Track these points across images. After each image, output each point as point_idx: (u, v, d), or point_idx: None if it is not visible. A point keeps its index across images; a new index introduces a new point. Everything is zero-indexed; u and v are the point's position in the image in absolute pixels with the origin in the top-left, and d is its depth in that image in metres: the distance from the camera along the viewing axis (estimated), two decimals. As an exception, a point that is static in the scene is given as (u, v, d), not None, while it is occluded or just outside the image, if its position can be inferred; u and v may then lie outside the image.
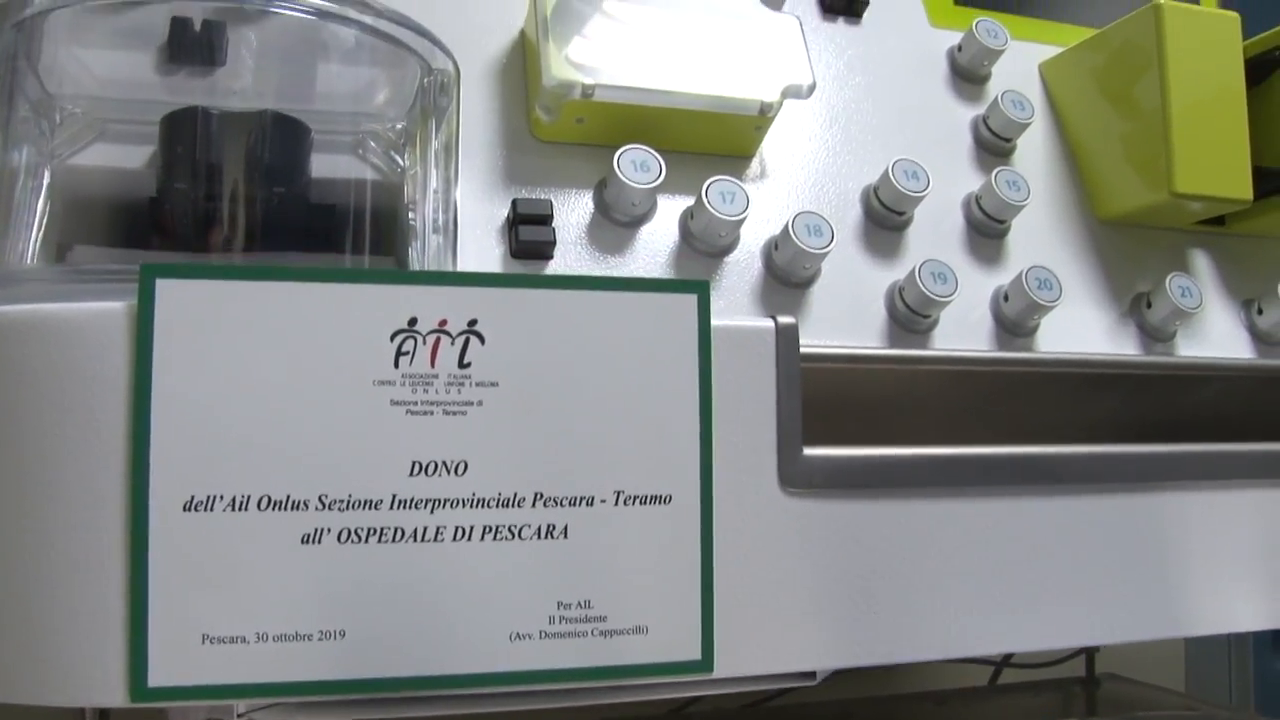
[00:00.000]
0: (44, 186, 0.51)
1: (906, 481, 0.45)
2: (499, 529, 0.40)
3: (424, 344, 0.40)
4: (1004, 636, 0.46)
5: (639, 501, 0.41)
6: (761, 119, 0.56)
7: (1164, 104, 0.61)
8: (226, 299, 0.39)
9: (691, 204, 0.56)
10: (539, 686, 0.41)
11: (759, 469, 0.43)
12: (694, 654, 0.42)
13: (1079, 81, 0.67)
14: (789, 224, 0.54)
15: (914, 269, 0.55)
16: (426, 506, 0.40)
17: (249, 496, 0.38)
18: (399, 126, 0.54)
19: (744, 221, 0.54)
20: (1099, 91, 0.66)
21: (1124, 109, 0.64)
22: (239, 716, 0.43)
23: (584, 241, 0.54)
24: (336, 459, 0.39)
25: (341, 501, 0.39)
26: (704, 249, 0.55)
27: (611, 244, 0.54)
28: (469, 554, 0.40)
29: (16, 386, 0.39)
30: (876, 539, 0.45)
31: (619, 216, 0.55)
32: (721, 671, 0.42)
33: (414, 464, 0.39)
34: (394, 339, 0.40)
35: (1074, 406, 0.62)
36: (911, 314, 0.56)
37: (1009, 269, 0.61)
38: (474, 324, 0.40)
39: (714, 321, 0.42)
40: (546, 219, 0.53)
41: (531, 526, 0.40)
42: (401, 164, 0.54)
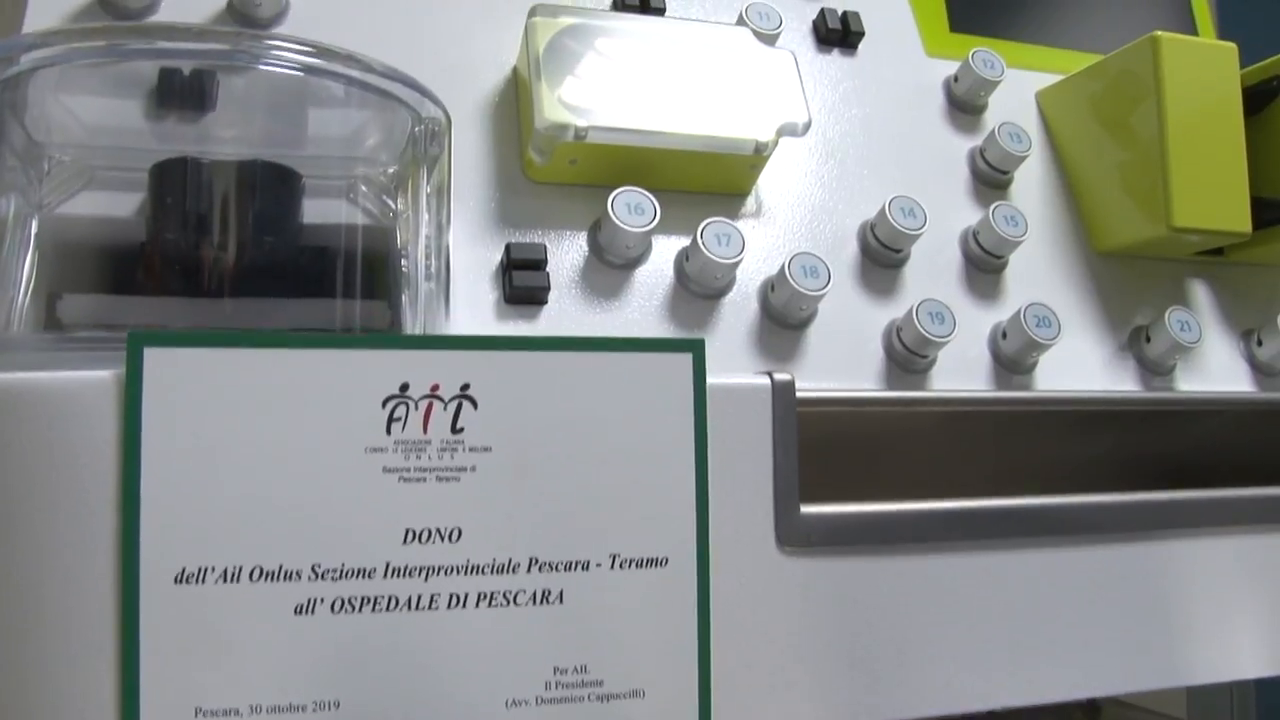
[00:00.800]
0: (31, 236, 0.51)
1: (905, 537, 0.45)
2: (494, 595, 0.40)
3: (416, 410, 0.39)
4: (1004, 690, 0.46)
5: (635, 565, 0.41)
6: (757, 158, 0.56)
7: (1162, 137, 0.60)
8: (215, 366, 0.38)
9: (687, 244, 0.55)
10: (536, 752, 0.40)
11: (756, 529, 0.42)
12: (692, 718, 0.41)
13: (1076, 110, 0.67)
14: (785, 265, 0.54)
15: (912, 309, 0.55)
16: (420, 574, 0.39)
17: (241, 567, 0.38)
18: (390, 170, 0.53)
19: (740, 264, 0.54)
20: (1096, 120, 0.65)
21: (1121, 138, 0.64)
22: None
23: (578, 285, 0.54)
24: (329, 528, 0.38)
25: (334, 571, 0.38)
26: (699, 291, 0.55)
27: (606, 287, 0.54)
28: (464, 621, 0.39)
29: (2, 456, 0.39)
30: (875, 596, 0.44)
31: (613, 259, 0.54)
32: (720, 733, 0.42)
33: (407, 531, 0.39)
34: (386, 405, 0.39)
35: (1074, 442, 0.61)
36: (909, 354, 0.56)
37: (1007, 304, 0.61)
38: (466, 388, 0.40)
39: (710, 380, 0.42)
40: (540, 264, 0.53)
41: (526, 592, 0.40)
42: (393, 208, 0.53)
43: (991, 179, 0.64)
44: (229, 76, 0.50)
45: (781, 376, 0.43)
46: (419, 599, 0.39)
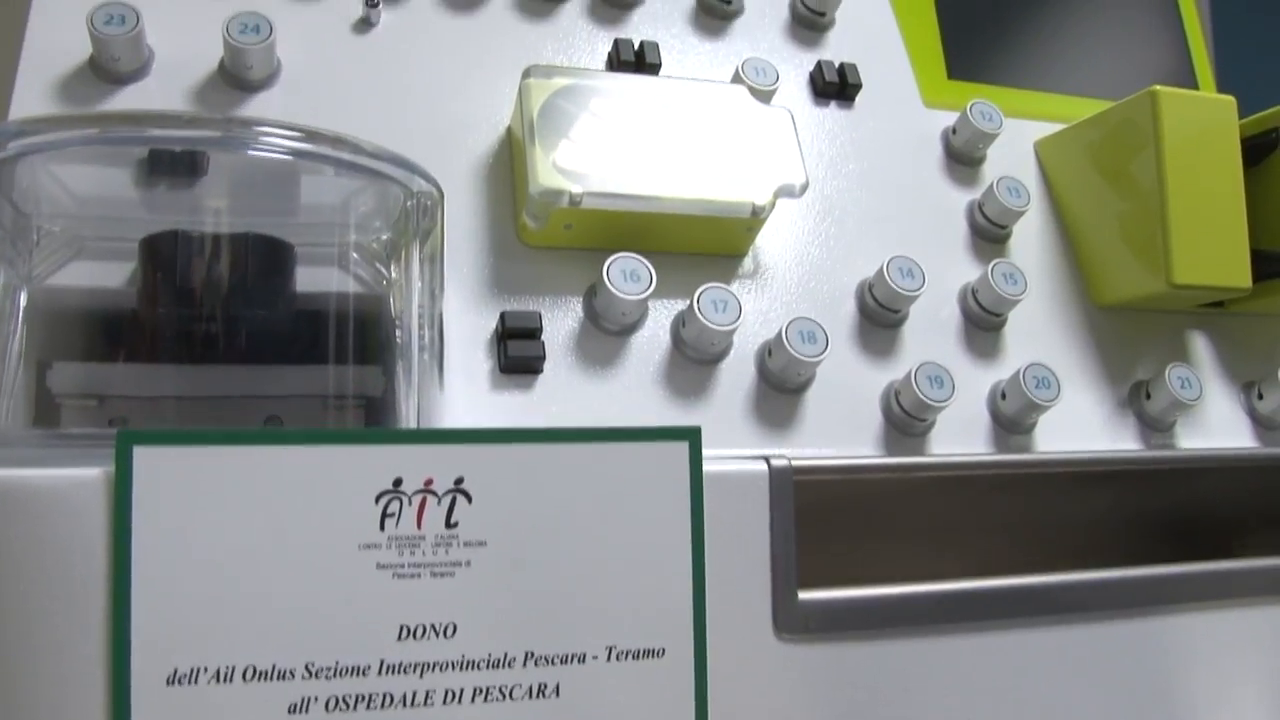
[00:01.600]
0: (20, 308, 0.50)
1: (903, 620, 0.45)
2: (489, 690, 0.39)
3: (410, 505, 0.39)
4: (1005, 771, 0.46)
5: (631, 656, 0.40)
6: (754, 220, 0.55)
7: (1161, 192, 0.60)
8: (205, 464, 0.38)
9: (683, 309, 0.55)
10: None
11: (753, 616, 0.42)
12: (690, 810, 0.41)
13: (1075, 160, 0.66)
14: (783, 331, 0.53)
15: (910, 373, 0.55)
16: (415, 671, 0.39)
17: (234, 667, 0.37)
18: (384, 237, 0.53)
19: (737, 330, 0.53)
20: (1095, 170, 0.65)
21: (1120, 188, 0.63)
22: None
23: (574, 352, 0.53)
24: (323, 626, 0.38)
25: (329, 669, 0.38)
26: (696, 357, 0.54)
27: (602, 354, 0.53)
28: (459, 717, 0.39)
29: (-9, 554, 0.38)
30: (875, 680, 0.44)
31: (609, 325, 0.54)
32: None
33: (402, 628, 0.39)
34: (379, 500, 0.39)
35: (1075, 501, 0.61)
36: (908, 418, 0.55)
37: (1006, 362, 0.60)
38: (460, 482, 0.39)
39: (707, 467, 0.41)
40: (535, 332, 0.52)
41: (523, 686, 0.40)
42: (387, 275, 0.53)
43: (990, 233, 0.63)
44: (219, 153, 0.49)
45: (778, 461, 0.43)
46: (414, 696, 0.39)
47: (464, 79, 0.59)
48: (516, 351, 0.51)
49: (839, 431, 0.55)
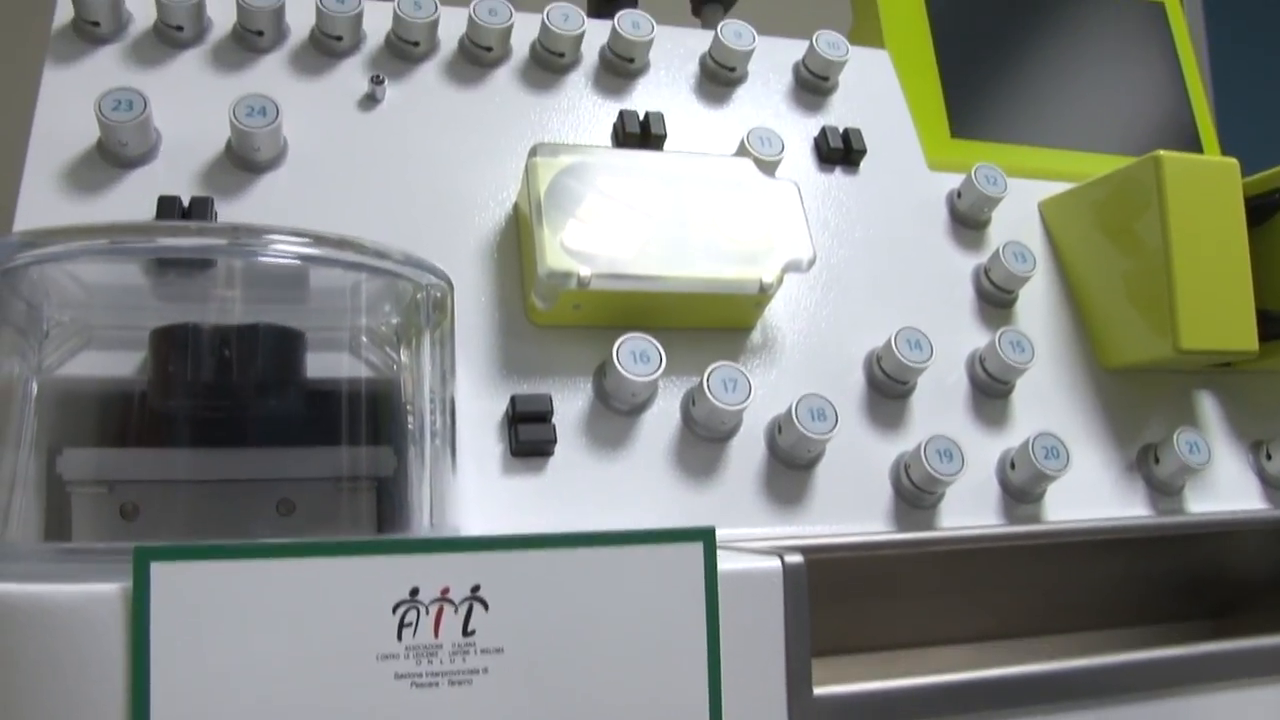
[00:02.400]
0: (31, 399, 0.50)
1: (919, 713, 0.45)
2: (508, 797, 0.39)
3: (427, 614, 0.39)
4: None
5: (650, 759, 0.40)
6: (762, 296, 0.56)
7: (1167, 257, 0.60)
8: (223, 579, 0.38)
9: (693, 386, 0.55)
10: None
11: (769, 716, 0.42)
12: None
13: (1079, 222, 0.67)
14: (793, 409, 0.53)
15: (920, 447, 0.55)
16: (434, 780, 0.39)
17: (252, 782, 0.37)
18: (393, 321, 0.53)
19: (747, 408, 0.53)
20: (1100, 234, 0.65)
21: (1125, 252, 0.63)
22: None
23: (585, 433, 0.53)
24: (341, 738, 0.38)
25: (348, 781, 0.38)
26: (707, 435, 0.54)
27: (612, 435, 0.53)
28: (478, 826, 0.39)
29: (6, 671, 0.38)
30: (892, 774, 0.44)
31: (619, 405, 0.54)
32: None
33: (420, 738, 0.39)
34: (396, 610, 0.39)
35: (1085, 568, 0.61)
36: (918, 491, 0.55)
37: (1015, 429, 0.60)
38: (477, 590, 0.39)
39: (721, 566, 0.41)
40: (546, 415, 0.52)
41: (541, 793, 0.39)
42: (397, 359, 0.53)
43: (997, 299, 0.64)
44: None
45: (792, 558, 0.43)
46: (433, 805, 0.39)
47: (470, 154, 0.59)
48: (528, 436, 0.51)
49: (850, 506, 0.55)
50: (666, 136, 0.61)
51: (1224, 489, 0.63)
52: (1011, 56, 0.75)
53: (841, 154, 0.64)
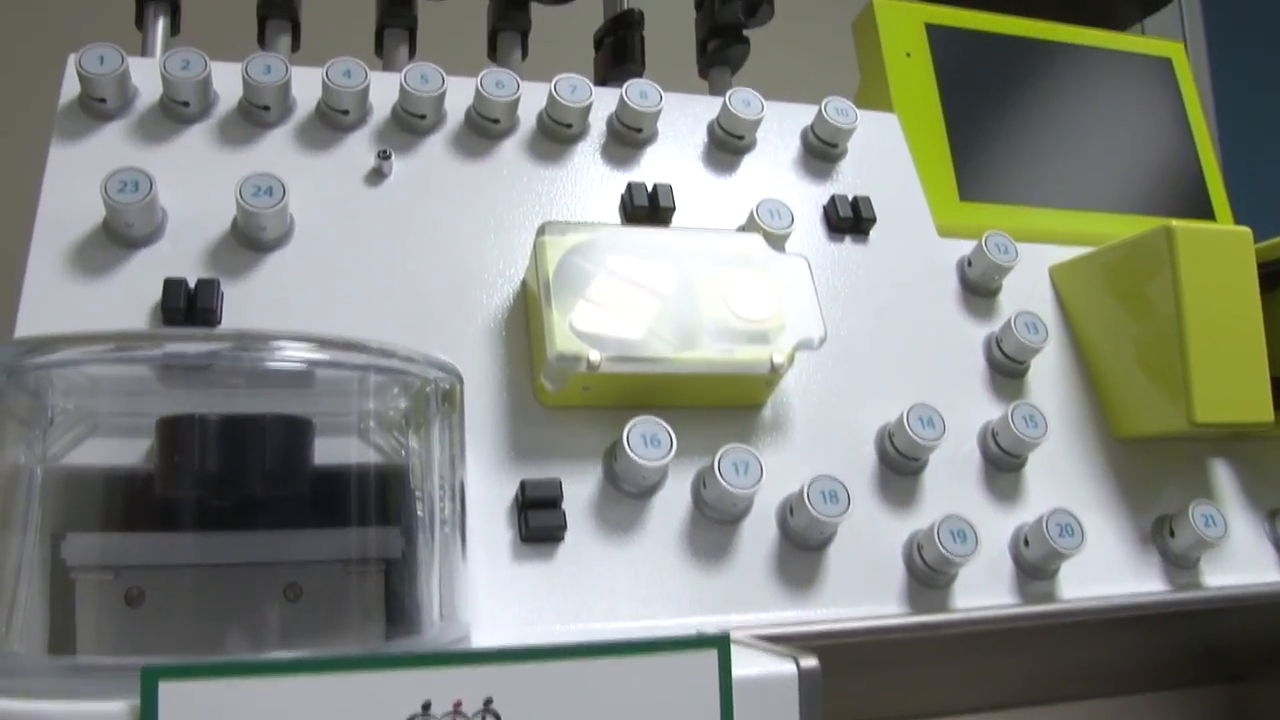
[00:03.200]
0: (36, 490, 0.50)
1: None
2: None
3: (439, 729, 0.38)
4: None
5: None
6: (773, 375, 0.55)
7: (1180, 330, 0.60)
8: (233, 698, 0.37)
9: (704, 466, 0.54)
10: None
11: (786, 822, 0.41)
12: None
13: (1090, 290, 0.66)
14: (805, 491, 0.53)
15: (933, 528, 0.54)
16: None
17: None
18: (402, 405, 0.52)
19: (759, 491, 0.53)
20: (1111, 303, 0.65)
21: (1137, 322, 0.63)
22: None
23: (595, 516, 0.53)
24: None
25: None
26: (717, 517, 0.54)
27: (623, 518, 0.53)
28: None
29: (14, 790, 0.37)
30: None
31: (629, 488, 0.53)
32: None
33: None
34: (408, 725, 0.38)
35: (1101, 643, 0.61)
36: (931, 572, 0.55)
37: (1028, 504, 0.60)
38: (490, 703, 0.39)
39: (735, 673, 0.41)
40: (555, 501, 0.52)
41: None
42: (405, 444, 0.52)
43: (1008, 368, 0.63)
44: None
45: (808, 662, 0.42)
46: None
47: (478, 229, 0.59)
48: (538, 522, 0.51)
49: (863, 587, 0.55)
50: (675, 209, 0.61)
51: (1241, 559, 0.63)
52: (1019, 116, 0.75)
53: (851, 223, 0.64)
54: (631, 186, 0.61)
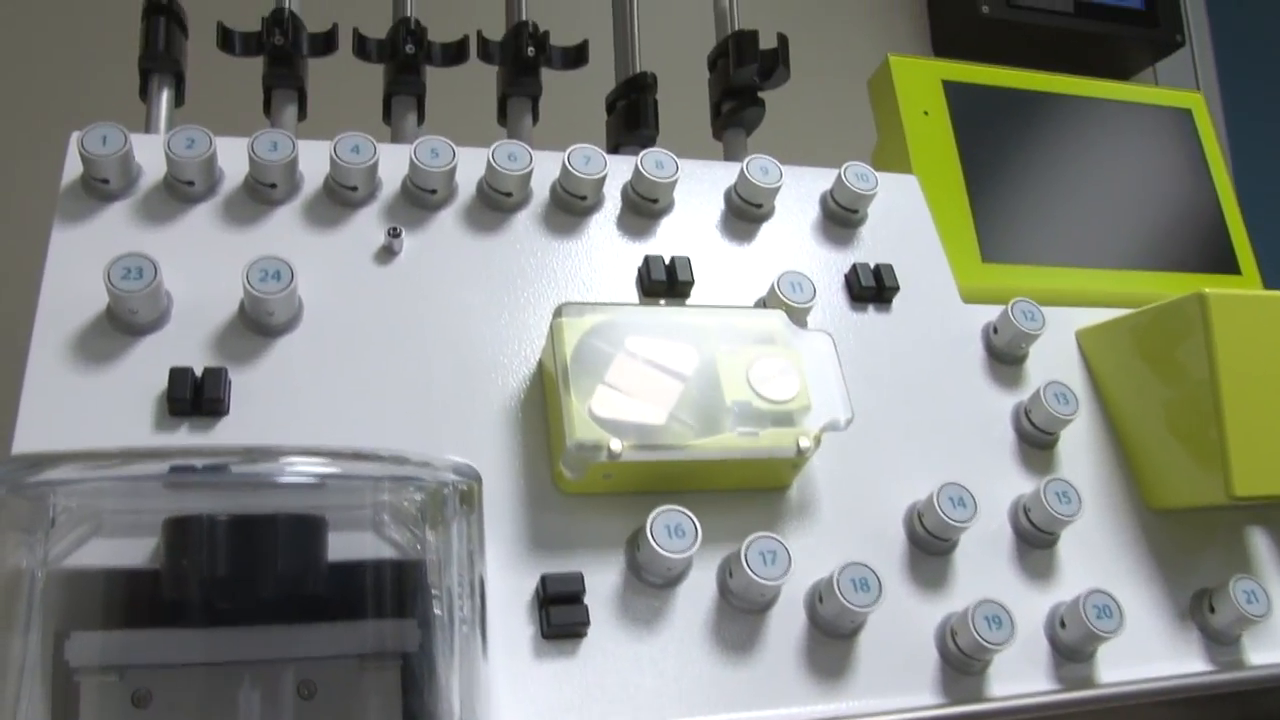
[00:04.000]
0: (37, 594, 0.48)
1: None
2: None
3: None
4: None
5: None
6: (799, 459, 0.53)
7: (1216, 399, 0.58)
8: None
9: (730, 554, 0.52)
10: None
11: None
12: None
13: (1120, 356, 0.65)
14: (835, 579, 0.51)
15: (968, 614, 0.52)
16: None
17: None
18: (419, 498, 0.51)
19: (786, 581, 0.51)
20: (1142, 370, 0.63)
21: (1170, 389, 0.61)
22: None
23: (619, 609, 0.51)
24: None
25: None
26: (744, 607, 0.52)
27: (647, 610, 0.51)
28: None
29: None
30: None
31: (653, 579, 0.52)
32: None
33: None
34: None
35: (1139, 724, 0.58)
36: (966, 658, 0.53)
37: (1063, 581, 0.58)
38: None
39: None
40: (578, 596, 0.50)
41: None
42: (422, 537, 0.50)
43: (1038, 440, 0.61)
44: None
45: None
46: None
47: (492, 307, 0.57)
48: (560, 619, 0.49)
49: (895, 676, 0.53)
50: (694, 282, 0.60)
51: (1282, 634, 0.61)
52: (1039, 173, 0.74)
53: (874, 291, 0.62)
54: (649, 260, 0.59)
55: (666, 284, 0.59)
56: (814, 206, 0.66)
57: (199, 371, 0.51)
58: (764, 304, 0.60)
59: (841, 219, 0.65)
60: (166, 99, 0.67)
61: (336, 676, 0.51)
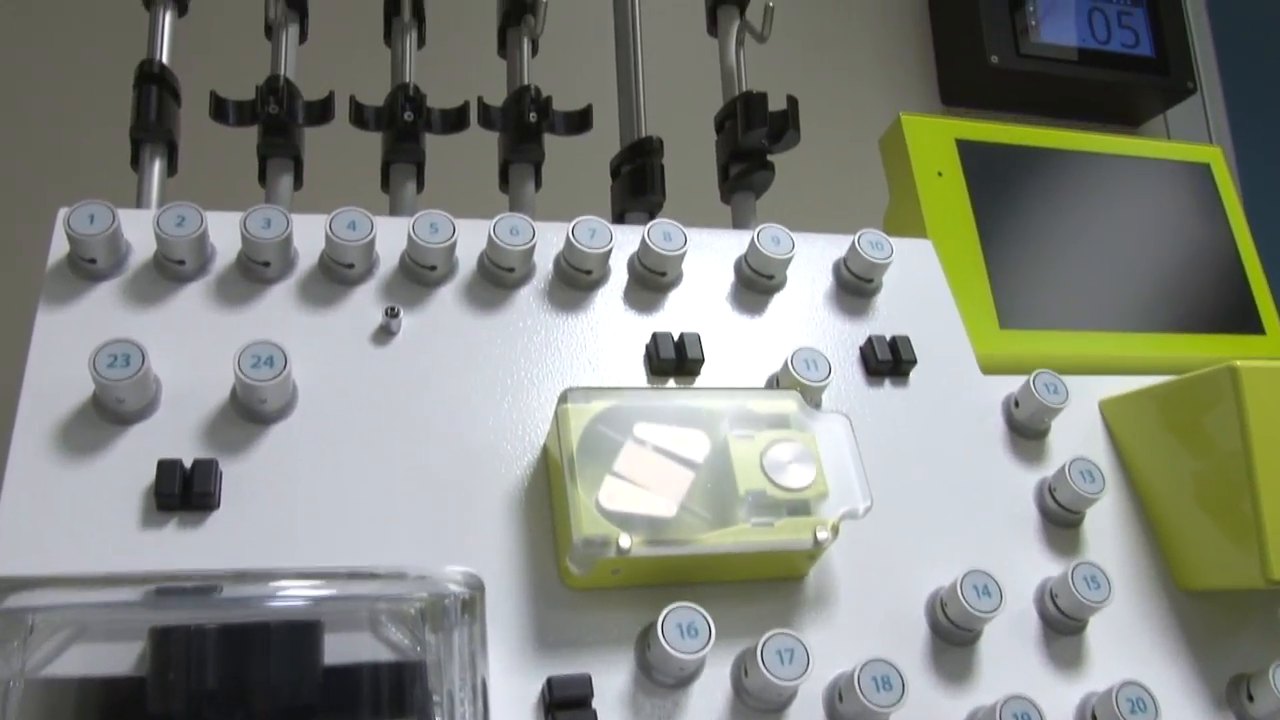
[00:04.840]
0: (15, 703, 0.45)
1: None
2: None
3: None
4: None
5: None
6: (816, 549, 0.51)
7: (1250, 478, 0.55)
8: None
9: (744, 650, 0.50)
10: None
11: None
12: None
13: (1147, 429, 0.62)
14: (855, 678, 0.49)
15: (995, 710, 0.50)
16: None
17: None
18: (419, 602, 0.48)
19: (804, 682, 0.48)
20: (1171, 444, 0.61)
21: (1201, 465, 0.59)
22: None
23: (627, 711, 0.48)
24: None
25: None
26: (760, 706, 0.50)
27: (658, 713, 0.49)
28: None
29: None
30: None
31: (664, 679, 0.49)
32: None
33: None
34: None
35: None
36: (995, 760, 0.50)
37: (1092, 669, 0.55)
38: None
39: None
40: (586, 700, 0.47)
41: None
42: (422, 638, 0.48)
43: (1062, 519, 0.59)
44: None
45: None
46: None
47: (494, 390, 0.55)
48: (567, 725, 0.47)
49: (921, 778, 0.50)
50: (704, 360, 0.57)
51: (1324, 721, 0.58)
52: (1056, 233, 0.72)
53: (890, 365, 0.60)
54: (657, 337, 0.57)
55: (675, 362, 0.57)
56: (827, 275, 0.64)
57: (188, 462, 0.49)
58: (777, 382, 0.58)
59: (855, 288, 0.63)
60: (159, 169, 0.65)
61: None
